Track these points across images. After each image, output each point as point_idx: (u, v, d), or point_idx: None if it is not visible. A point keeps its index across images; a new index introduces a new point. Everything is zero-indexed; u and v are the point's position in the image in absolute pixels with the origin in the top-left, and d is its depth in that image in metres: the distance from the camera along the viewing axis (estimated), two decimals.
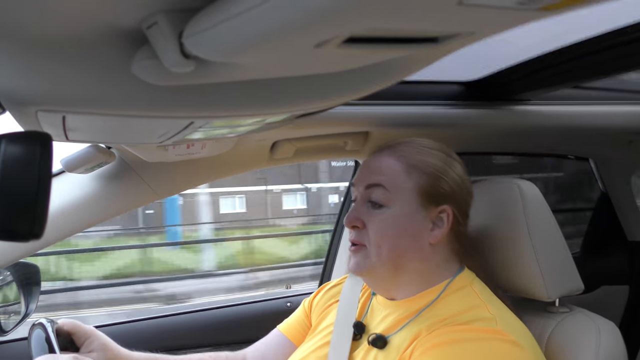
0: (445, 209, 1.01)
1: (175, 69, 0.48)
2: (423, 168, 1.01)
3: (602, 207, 2.12)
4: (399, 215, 1.00)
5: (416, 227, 1.00)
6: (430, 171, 1.01)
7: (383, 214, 1.00)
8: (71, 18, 0.46)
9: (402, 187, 1.00)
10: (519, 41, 1.31)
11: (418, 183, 1.00)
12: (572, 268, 1.08)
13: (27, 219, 0.47)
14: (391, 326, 1.01)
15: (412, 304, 1.01)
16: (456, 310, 0.94)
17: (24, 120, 0.68)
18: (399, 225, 1.00)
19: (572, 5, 0.35)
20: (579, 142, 1.88)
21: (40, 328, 1.06)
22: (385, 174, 1.02)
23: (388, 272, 1.01)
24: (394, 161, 1.03)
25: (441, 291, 1.00)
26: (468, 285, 1.01)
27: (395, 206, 1.00)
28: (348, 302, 1.14)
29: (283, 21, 0.36)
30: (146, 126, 0.76)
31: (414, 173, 1.01)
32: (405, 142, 1.07)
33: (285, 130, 1.30)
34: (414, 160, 1.02)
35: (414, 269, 1.01)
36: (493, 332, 0.89)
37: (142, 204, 1.37)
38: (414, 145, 1.05)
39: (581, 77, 1.39)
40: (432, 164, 1.02)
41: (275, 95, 0.67)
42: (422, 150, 1.04)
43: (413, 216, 1.00)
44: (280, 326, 1.29)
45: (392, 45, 0.43)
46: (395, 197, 1.00)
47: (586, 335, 1.00)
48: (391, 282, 1.03)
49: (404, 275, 1.01)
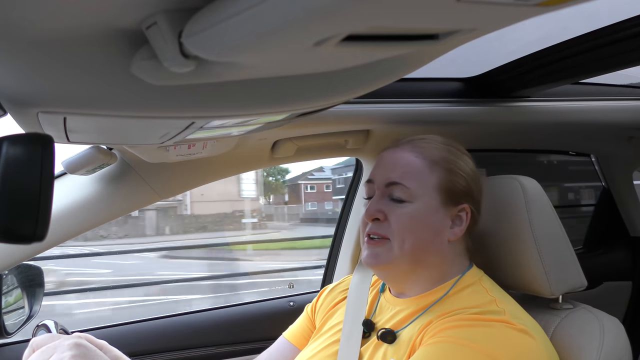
0: (465, 208, 1.02)
1: (175, 69, 0.48)
2: (445, 165, 1.02)
3: (604, 203, 2.12)
4: (422, 210, 0.99)
5: (438, 224, 1.00)
6: (453, 168, 1.02)
7: (407, 208, 1.00)
8: (71, 19, 0.46)
9: (424, 183, 1.00)
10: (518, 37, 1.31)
11: (440, 180, 1.01)
12: (575, 264, 1.08)
13: (30, 221, 0.47)
14: (400, 321, 1.01)
15: (421, 301, 1.01)
16: (465, 305, 0.95)
17: (25, 122, 0.68)
18: (423, 220, 1.00)
19: (570, 1, 0.35)
20: (579, 138, 1.88)
21: (45, 329, 1.07)
22: (406, 171, 1.01)
23: (408, 266, 1.01)
24: (414, 157, 1.02)
25: (450, 287, 1.00)
26: (477, 282, 1.02)
27: (418, 201, 1.00)
28: (357, 300, 1.14)
29: (282, 20, 0.36)
30: (147, 127, 0.76)
31: (436, 170, 1.01)
32: (424, 139, 1.06)
33: (286, 129, 1.30)
34: (435, 157, 1.02)
35: (432, 264, 1.01)
36: (502, 321, 0.89)
37: (144, 204, 1.37)
38: (434, 142, 1.05)
39: (581, 73, 1.39)
40: (454, 161, 1.03)
41: (275, 95, 0.67)
42: (440, 146, 1.04)
43: (435, 212, 1.00)
44: (285, 333, 1.29)
45: (392, 43, 0.43)
46: (417, 192, 1.00)
47: (590, 332, 1.00)
48: (408, 277, 1.03)
49: (422, 270, 1.01)
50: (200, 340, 1.59)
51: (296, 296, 1.82)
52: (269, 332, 1.62)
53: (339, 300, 1.20)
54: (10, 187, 0.47)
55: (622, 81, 1.70)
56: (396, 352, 0.97)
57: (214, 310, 1.73)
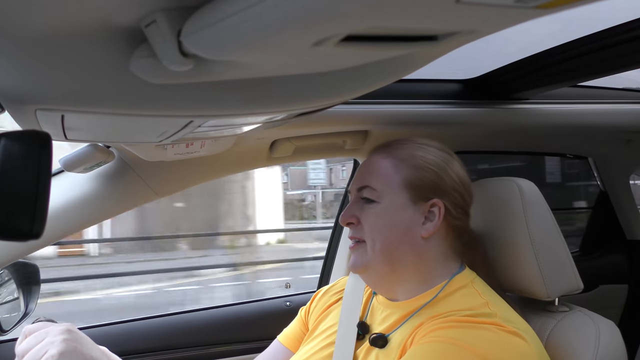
0: (436, 203, 1.01)
1: (174, 67, 0.48)
2: (410, 161, 1.02)
3: (601, 206, 2.13)
4: (389, 207, 1.01)
5: (407, 220, 1.00)
6: (420, 164, 1.02)
7: (374, 208, 1.02)
8: (70, 16, 0.46)
9: (390, 182, 1.02)
10: (517, 39, 1.31)
11: (405, 177, 1.01)
12: (571, 267, 1.08)
13: (27, 219, 0.47)
14: (390, 325, 1.01)
15: (412, 304, 1.01)
16: (457, 308, 0.94)
17: (22, 120, 0.68)
18: (390, 218, 1.01)
19: (568, 4, 0.36)
20: (577, 141, 1.88)
21: None
22: (373, 173, 1.04)
23: (384, 267, 1.01)
24: (382, 159, 1.05)
25: (440, 289, 0.99)
26: (469, 284, 1.01)
27: (385, 200, 1.01)
28: (351, 303, 1.14)
29: (281, 19, 0.36)
30: (145, 125, 0.76)
31: (401, 167, 1.02)
32: (399, 141, 1.08)
33: (284, 129, 1.30)
34: (403, 155, 1.03)
35: (410, 263, 1.01)
36: (493, 324, 0.89)
37: (141, 203, 1.37)
38: (406, 142, 1.07)
39: (579, 76, 1.39)
40: (422, 156, 1.03)
41: (274, 94, 0.67)
42: (411, 145, 1.05)
43: (403, 209, 1.01)
44: (280, 337, 1.29)
45: (391, 44, 0.43)
46: (384, 191, 1.01)
47: (586, 334, 1.00)
48: (390, 279, 1.03)
49: (400, 270, 1.01)
50: (196, 339, 1.59)
51: (293, 296, 1.82)
52: (265, 332, 1.61)
53: (333, 302, 1.20)
54: (7, 184, 0.46)
55: (621, 84, 1.70)
56: (387, 357, 0.97)
57: (210, 309, 1.73)
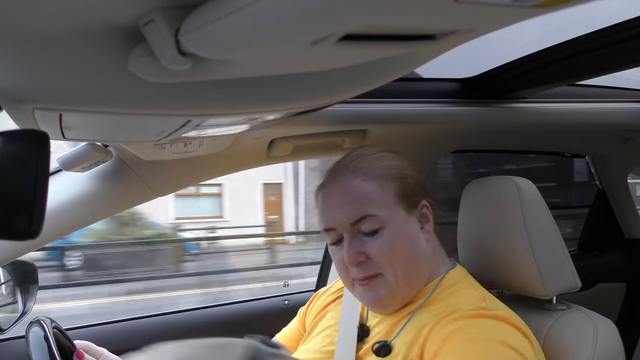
0: (424, 203, 1.01)
1: (172, 67, 0.48)
2: (389, 174, 0.98)
3: (599, 204, 2.13)
4: (396, 230, 0.96)
5: (412, 232, 0.98)
6: (396, 173, 0.99)
7: (382, 237, 0.95)
8: (67, 15, 0.46)
9: (384, 202, 0.96)
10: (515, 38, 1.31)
11: (394, 191, 0.97)
12: (569, 265, 1.09)
13: (25, 218, 0.47)
14: (390, 328, 1.00)
15: (407, 305, 1.00)
16: (458, 305, 0.93)
17: (20, 119, 0.68)
18: (400, 240, 0.96)
19: (566, 3, 0.36)
20: (575, 140, 1.89)
21: (38, 326, 1.06)
22: (362, 201, 0.96)
23: (406, 287, 0.98)
24: (360, 182, 0.97)
25: (435, 287, 0.99)
26: (463, 280, 1.01)
27: (389, 224, 0.96)
28: (351, 304, 1.13)
29: (279, 18, 0.36)
30: (143, 124, 0.76)
31: (386, 183, 0.97)
32: (355, 158, 1.01)
33: (283, 128, 1.30)
34: (378, 170, 0.98)
35: (424, 271, 1.00)
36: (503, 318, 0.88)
37: (140, 202, 1.37)
38: (363, 156, 1.01)
39: (577, 75, 1.39)
40: (391, 165, 1.00)
41: (272, 93, 0.67)
42: (373, 157, 1.00)
43: (406, 223, 0.98)
44: (278, 335, 1.29)
45: (389, 43, 0.43)
46: (384, 215, 0.96)
47: (583, 333, 1.00)
48: (407, 296, 1.00)
49: (418, 281, 1.00)
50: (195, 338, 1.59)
51: (291, 295, 1.82)
52: (263, 331, 1.61)
53: (330, 301, 1.20)
54: (5, 183, 0.46)
55: (618, 83, 1.70)
56: None
57: (209, 308, 1.73)
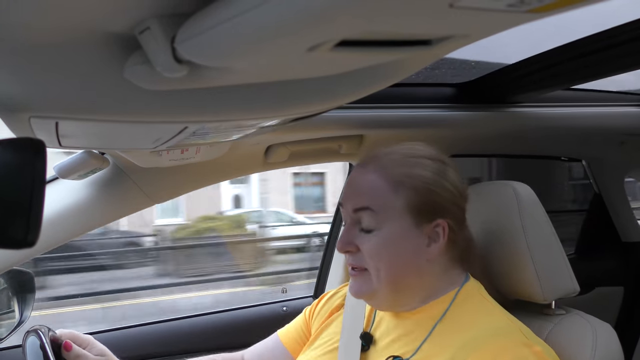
0: (440, 223, 0.95)
1: (168, 74, 0.48)
2: (411, 183, 0.94)
3: (595, 208, 2.13)
4: (392, 236, 0.94)
5: (411, 246, 0.95)
6: (419, 185, 0.95)
7: (375, 237, 0.95)
8: (63, 23, 0.46)
9: (390, 207, 0.94)
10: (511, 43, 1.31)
11: (407, 201, 0.94)
12: (567, 270, 1.09)
13: (21, 227, 0.47)
14: (405, 343, 0.97)
15: (419, 316, 0.98)
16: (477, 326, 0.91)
17: (16, 127, 0.67)
18: (393, 246, 0.95)
19: (561, 8, 0.36)
20: (571, 144, 1.89)
21: (35, 335, 1.06)
22: (370, 195, 0.96)
23: (389, 292, 0.97)
24: (377, 178, 0.96)
25: (450, 302, 0.96)
26: (477, 294, 0.99)
27: (386, 227, 0.94)
28: (354, 311, 1.11)
29: (275, 25, 0.36)
30: (140, 132, 0.76)
31: (401, 191, 0.94)
32: (390, 153, 0.99)
33: (279, 134, 1.30)
34: (400, 176, 0.95)
35: (415, 285, 0.97)
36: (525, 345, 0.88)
37: (137, 209, 1.36)
38: (399, 157, 0.98)
39: (573, 79, 1.40)
40: (420, 176, 0.95)
41: (269, 99, 0.67)
42: (407, 161, 0.97)
43: (406, 235, 0.95)
44: (280, 332, 1.28)
45: (385, 49, 0.43)
46: (385, 218, 0.94)
47: (583, 337, 1.00)
48: (394, 301, 0.99)
49: (406, 292, 0.98)
50: (192, 345, 1.59)
51: (289, 301, 1.82)
52: (261, 337, 1.60)
53: (336, 307, 1.18)
54: (1, 191, 0.46)
55: (614, 87, 1.71)
56: None
57: (206, 315, 1.72)
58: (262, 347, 1.27)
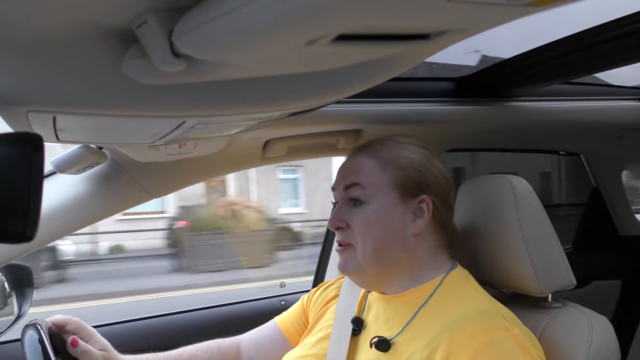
0: (424, 199, 1.02)
1: (166, 68, 0.47)
2: (397, 162, 1.03)
3: (593, 202, 2.14)
4: (378, 209, 1.01)
5: (397, 220, 1.01)
6: (405, 164, 1.03)
7: (364, 211, 1.02)
8: (61, 17, 0.46)
9: (378, 183, 1.02)
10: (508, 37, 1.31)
11: (393, 177, 1.02)
12: (564, 263, 1.09)
13: (19, 221, 0.47)
14: (391, 326, 1.01)
15: (406, 299, 1.01)
16: (459, 310, 0.93)
17: (14, 121, 0.67)
18: (380, 220, 1.01)
19: (558, 2, 0.36)
20: (569, 138, 1.89)
21: (34, 329, 1.06)
22: (361, 173, 1.04)
23: (375, 268, 1.01)
24: (367, 159, 1.05)
25: (436, 286, 1.00)
26: (464, 281, 1.01)
27: (374, 202, 1.01)
28: (348, 298, 1.15)
29: (273, 19, 0.36)
30: (137, 126, 0.76)
31: (389, 169, 1.03)
32: (379, 141, 1.09)
33: (277, 128, 1.30)
34: (387, 156, 1.04)
35: (401, 261, 1.01)
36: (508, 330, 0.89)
37: (135, 204, 1.36)
38: (387, 142, 1.07)
39: (571, 73, 1.40)
40: (405, 156, 1.04)
41: (267, 94, 0.67)
42: (394, 145, 1.06)
43: (393, 209, 1.01)
44: (278, 318, 1.30)
45: (383, 43, 0.43)
46: (373, 193, 1.02)
47: (579, 330, 1.00)
48: (380, 277, 1.04)
49: (391, 269, 1.02)
50: (190, 340, 1.59)
51: (287, 295, 1.82)
52: None
53: (331, 298, 1.21)
54: None
55: (612, 81, 1.71)
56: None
57: (204, 309, 1.72)
58: (259, 334, 1.29)
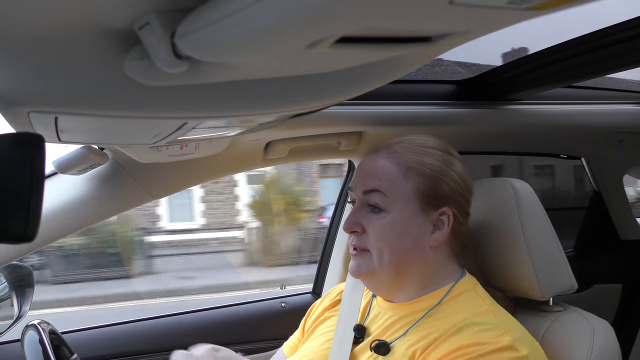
0: (446, 211, 0.98)
1: (168, 70, 0.47)
2: (420, 170, 0.98)
3: (594, 206, 2.14)
4: (398, 219, 0.97)
5: (417, 231, 0.98)
6: (428, 172, 0.98)
7: (383, 219, 0.98)
8: (62, 18, 0.46)
9: (400, 191, 0.98)
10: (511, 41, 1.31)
11: (416, 186, 0.98)
12: (566, 267, 1.09)
13: (20, 221, 0.47)
14: (393, 331, 0.99)
15: (413, 307, 0.99)
16: (461, 316, 0.92)
17: (15, 122, 0.67)
18: (400, 230, 0.97)
19: (561, 5, 0.36)
20: (571, 141, 1.89)
21: (34, 330, 1.06)
22: (382, 178, 0.99)
23: (389, 276, 0.99)
24: (389, 164, 1.00)
25: (444, 295, 0.98)
26: (471, 290, 0.99)
27: (394, 210, 0.97)
28: (349, 306, 1.13)
29: (275, 21, 0.36)
30: (139, 127, 0.76)
31: (411, 176, 0.98)
32: (401, 142, 1.03)
33: (279, 130, 1.30)
34: (410, 162, 0.99)
35: (415, 272, 0.99)
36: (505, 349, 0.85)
37: (136, 205, 1.36)
38: (410, 145, 1.02)
39: (573, 77, 1.40)
40: (429, 164, 0.99)
41: (268, 96, 0.67)
42: (418, 150, 1.01)
43: (413, 220, 0.97)
44: (285, 345, 1.28)
45: (385, 45, 0.43)
46: (394, 201, 0.97)
47: (580, 334, 1.00)
48: (392, 285, 1.01)
49: (405, 278, 1.00)
50: (191, 341, 1.59)
51: (288, 297, 1.82)
52: (260, 333, 1.61)
53: (328, 306, 1.20)
54: (1, 186, 0.46)
55: (614, 85, 1.71)
56: None
57: (205, 311, 1.72)
58: None
